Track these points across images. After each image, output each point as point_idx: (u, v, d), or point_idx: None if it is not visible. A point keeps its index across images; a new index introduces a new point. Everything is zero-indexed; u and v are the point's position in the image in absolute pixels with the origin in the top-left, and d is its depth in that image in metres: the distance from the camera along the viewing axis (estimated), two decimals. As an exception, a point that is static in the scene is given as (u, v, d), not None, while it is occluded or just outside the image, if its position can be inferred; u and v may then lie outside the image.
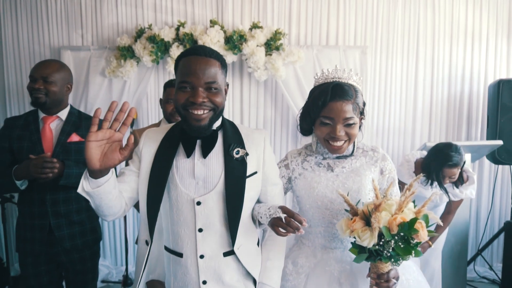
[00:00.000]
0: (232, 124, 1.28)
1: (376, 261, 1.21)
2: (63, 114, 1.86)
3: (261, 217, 1.19)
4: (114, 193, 1.12)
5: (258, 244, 1.31)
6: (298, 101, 2.97)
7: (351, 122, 1.30)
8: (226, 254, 1.20)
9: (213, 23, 2.87)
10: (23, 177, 1.71)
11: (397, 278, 1.25)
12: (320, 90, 1.34)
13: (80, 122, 1.89)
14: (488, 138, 2.98)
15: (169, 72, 2.98)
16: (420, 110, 3.19)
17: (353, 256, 1.30)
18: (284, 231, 1.06)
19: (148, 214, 1.18)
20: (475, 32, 3.13)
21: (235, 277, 1.22)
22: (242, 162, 1.20)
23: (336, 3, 3.04)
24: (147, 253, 1.21)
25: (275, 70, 2.83)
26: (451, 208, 2.38)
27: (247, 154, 1.20)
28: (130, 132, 2.62)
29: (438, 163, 2.17)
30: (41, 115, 1.83)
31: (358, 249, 1.22)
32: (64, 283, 2.02)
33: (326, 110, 1.30)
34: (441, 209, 2.42)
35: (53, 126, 1.84)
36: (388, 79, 3.13)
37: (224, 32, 2.84)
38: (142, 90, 3.04)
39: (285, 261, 1.40)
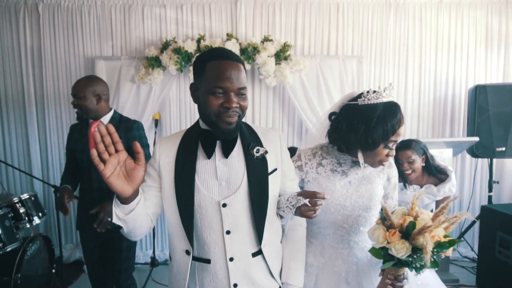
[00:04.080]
0: (246, 125, 1.26)
1: (399, 267, 1.25)
2: (106, 118, 2.13)
3: (283, 211, 1.19)
4: (144, 212, 1.10)
5: (281, 241, 1.29)
6: (303, 104, 3.39)
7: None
8: (254, 254, 1.18)
9: (229, 36, 3.29)
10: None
11: (407, 278, 1.31)
12: (388, 113, 1.27)
13: (119, 125, 2.13)
14: (468, 136, 3.40)
15: (188, 77, 3.39)
16: (409, 111, 3.61)
17: (359, 256, 1.43)
18: (313, 213, 1.10)
19: (183, 223, 1.13)
20: (457, 43, 3.56)
21: (264, 277, 1.20)
22: (263, 160, 1.18)
23: (335, 18, 3.47)
24: (190, 262, 1.16)
25: (283, 77, 3.26)
26: None
27: (266, 152, 1.19)
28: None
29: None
30: (90, 120, 2.15)
31: (386, 256, 1.25)
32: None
33: (396, 135, 1.29)
34: (430, 207, 2.60)
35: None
36: (382, 84, 3.56)
37: (239, 44, 3.26)
38: (166, 94, 3.45)
39: None
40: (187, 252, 1.16)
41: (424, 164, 2.42)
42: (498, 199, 3.67)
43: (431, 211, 1.31)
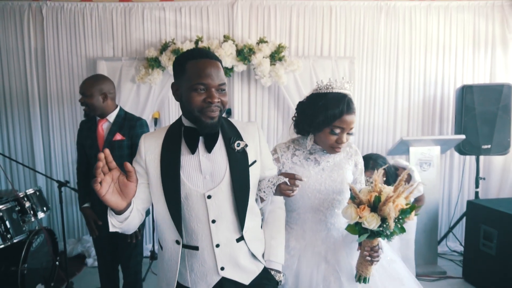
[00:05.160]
0: (226, 120, 1.31)
1: (373, 239, 1.40)
2: (112, 116, 2.21)
3: (264, 192, 1.29)
4: (137, 215, 1.20)
5: (261, 226, 1.40)
6: (297, 103, 3.51)
7: (352, 131, 1.48)
8: (238, 240, 1.27)
9: (226, 38, 3.42)
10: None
11: (381, 248, 1.45)
12: (335, 101, 1.43)
13: (123, 122, 2.21)
14: (455, 134, 3.52)
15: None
16: (400, 110, 3.74)
17: (336, 236, 1.57)
18: (291, 192, 1.24)
19: (172, 216, 1.20)
20: (445, 45, 3.69)
21: (248, 259, 1.29)
22: (244, 153, 1.25)
23: (328, 20, 3.60)
24: (181, 251, 1.24)
25: (278, 77, 3.39)
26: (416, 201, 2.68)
27: (246, 145, 1.26)
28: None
29: None
30: (97, 118, 2.25)
31: (360, 230, 1.38)
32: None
33: (339, 122, 1.43)
34: None
35: (104, 126, 2.21)
36: (373, 84, 3.69)
37: (236, 46, 3.39)
38: (165, 94, 3.58)
39: None
40: (177, 242, 1.24)
41: (385, 178, 2.45)
42: (486, 194, 3.81)
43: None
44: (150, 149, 1.24)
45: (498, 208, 2.82)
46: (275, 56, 3.38)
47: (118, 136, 2.17)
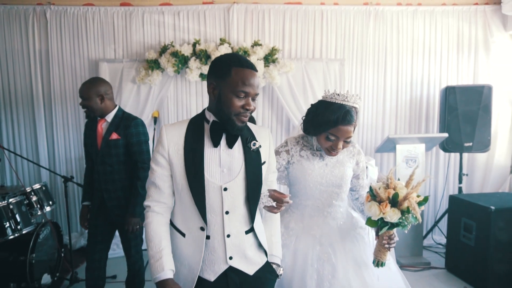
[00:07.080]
0: None
1: (392, 229, 1.53)
2: (110, 116, 2.31)
3: None
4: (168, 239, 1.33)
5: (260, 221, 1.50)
6: (290, 103, 3.70)
7: (349, 139, 1.60)
8: (247, 232, 1.36)
9: (222, 41, 3.59)
10: None
11: (396, 235, 1.59)
12: (332, 111, 1.56)
13: (120, 122, 2.29)
14: (440, 132, 3.69)
15: (185, 78, 3.66)
16: (388, 110, 3.92)
17: (331, 224, 1.73)
18: (277, 210, 1.39)
19: (197, 204, 1.28)
20: (431, 47, 3.87)
21: (254, 251, 1.38)
22: (257, 152, 1.37)
23: (320, 24, 3.77)
24: (205, 237, 1.31)
25: (272, 78, 3.56)
26: None
27: (260, 146, 1.37)
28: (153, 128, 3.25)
29: None
30: (98, 118, 2.36)
31: (382, 223, 1.52)
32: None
33: (335, 130, 1.56)
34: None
35: (103, 126, 2.31)
36: (362, 85, 3.87)
37: (232, 48, 3.56)
38: (164, 94, 3.74)
39: None
40: (202, 229, 1.31)
41: None
42: (470, 190, 4.00)
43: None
44: (173, 140, 1.31)
45: (476, 201, 3.01)
46: (269, 58, 3.55)
47: (114, 136, 2.27)
